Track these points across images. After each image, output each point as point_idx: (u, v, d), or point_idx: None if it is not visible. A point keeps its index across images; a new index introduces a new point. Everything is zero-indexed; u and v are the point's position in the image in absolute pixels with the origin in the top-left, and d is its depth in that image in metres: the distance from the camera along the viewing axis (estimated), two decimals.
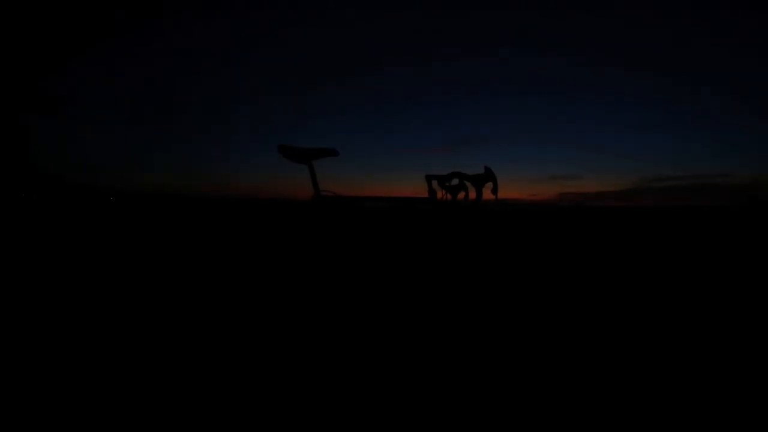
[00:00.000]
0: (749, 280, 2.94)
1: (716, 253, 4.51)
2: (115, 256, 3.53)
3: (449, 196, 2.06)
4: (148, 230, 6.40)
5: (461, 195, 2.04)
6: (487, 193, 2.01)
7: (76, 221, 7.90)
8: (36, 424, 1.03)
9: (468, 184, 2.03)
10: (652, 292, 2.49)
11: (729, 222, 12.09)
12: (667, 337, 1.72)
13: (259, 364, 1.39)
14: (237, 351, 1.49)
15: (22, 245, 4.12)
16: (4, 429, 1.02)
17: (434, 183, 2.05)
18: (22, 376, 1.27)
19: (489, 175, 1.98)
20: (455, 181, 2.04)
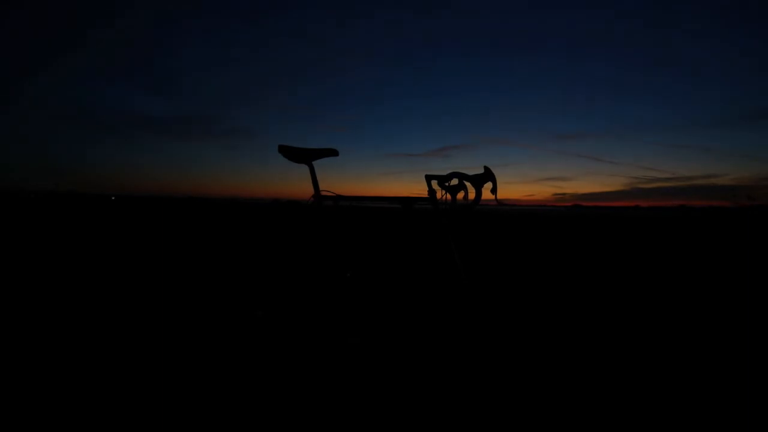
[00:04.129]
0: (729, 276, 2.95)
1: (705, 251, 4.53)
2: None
3: (449, 196, 2.06)
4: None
5: (461, 195, 2.05)
6: (486, 193, 2.01)
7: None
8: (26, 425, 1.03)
9: (468, 184, 2.03)
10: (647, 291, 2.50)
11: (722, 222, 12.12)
12: (666, 337, 1.72)
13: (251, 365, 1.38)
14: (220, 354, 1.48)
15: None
16: (4, 429, 1.01)
17: (434, 183, 2.05)
18: None
19: (489, 175, 1.98)
20: (455, 181, 2.05)
